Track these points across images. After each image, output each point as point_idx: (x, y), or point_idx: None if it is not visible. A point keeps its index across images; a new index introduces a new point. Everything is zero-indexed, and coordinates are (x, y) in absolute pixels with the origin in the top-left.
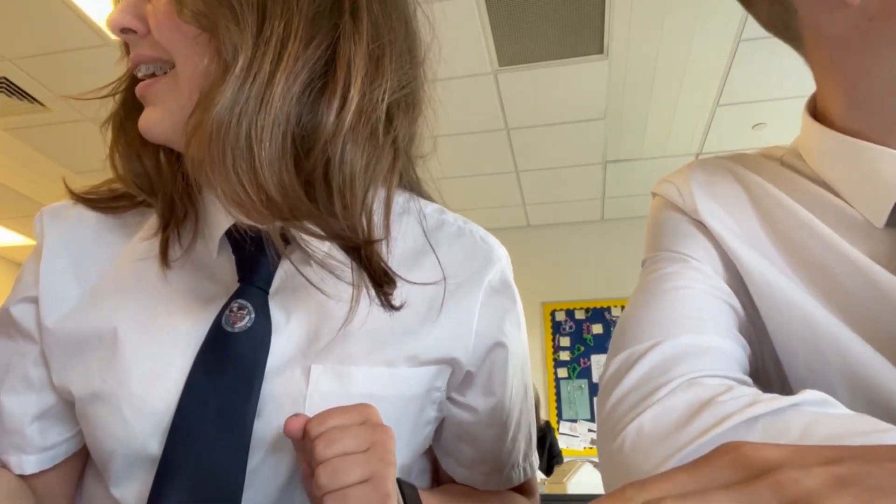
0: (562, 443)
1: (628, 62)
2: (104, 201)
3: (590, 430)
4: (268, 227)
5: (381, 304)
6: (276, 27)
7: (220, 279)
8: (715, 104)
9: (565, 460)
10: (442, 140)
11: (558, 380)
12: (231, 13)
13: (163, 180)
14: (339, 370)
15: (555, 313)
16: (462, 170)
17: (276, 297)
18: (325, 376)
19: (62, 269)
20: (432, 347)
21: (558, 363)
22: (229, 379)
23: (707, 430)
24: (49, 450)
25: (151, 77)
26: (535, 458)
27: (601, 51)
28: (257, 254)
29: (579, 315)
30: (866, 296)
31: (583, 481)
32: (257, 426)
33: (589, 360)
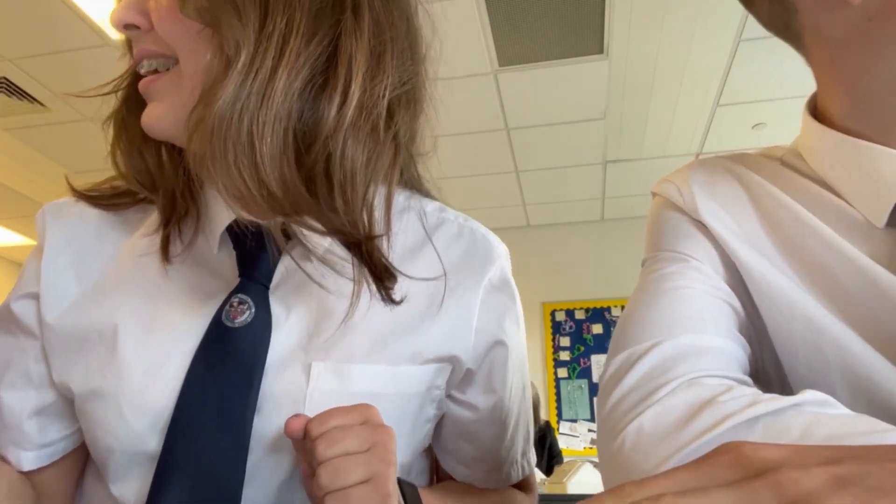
0: (562, 443)
1: (628, 62)
2: (106, 198)
3: (590, 430)
4: (269, 222)
5: (381, 299)
6: (278, 23)
7: (221, 275)
8: (715, 104)
9: (565, 460)
10: (442, 140)
11: (558, 380)
12: (234, 9)
13: (164, 177)
14: (340, 368)
15: (555, 313)
16: (462, 170)
17: (277, 292)
18: (326, 374)
19: (64, 265)
20: (433, 344)
21: (558, 363)
22: (229, 374)
23: (707, 430)
24: (47, 447)
25: (154, 73)
26: (533, 454)
27: (601, 51)
28: (258, 249)
29: (579, 315)
30: (867, 296)
31: (583, 481)
32: (257, 423)
33: (589, 360)
